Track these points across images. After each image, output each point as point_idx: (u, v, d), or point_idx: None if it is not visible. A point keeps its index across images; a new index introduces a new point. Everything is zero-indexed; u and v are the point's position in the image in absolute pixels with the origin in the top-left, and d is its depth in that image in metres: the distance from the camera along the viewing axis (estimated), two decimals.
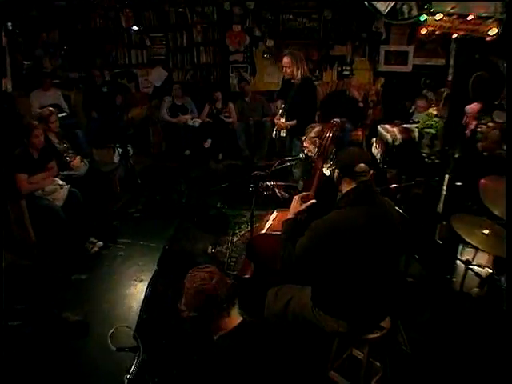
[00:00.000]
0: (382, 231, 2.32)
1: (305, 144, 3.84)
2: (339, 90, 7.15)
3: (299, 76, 4.98)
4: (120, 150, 5.74)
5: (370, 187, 2.34)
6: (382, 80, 7.26)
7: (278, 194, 3.97)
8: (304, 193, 2.67)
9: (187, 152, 6.63)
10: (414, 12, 3.83)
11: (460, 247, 3.43)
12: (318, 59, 7.03)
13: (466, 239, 2.85)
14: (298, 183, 4.14)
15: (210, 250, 4.44)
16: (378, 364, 2.86)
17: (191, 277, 2.06)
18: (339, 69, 7.17)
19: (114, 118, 6.44)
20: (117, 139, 6.07)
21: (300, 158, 4.00)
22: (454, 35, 3.22)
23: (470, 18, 3.04)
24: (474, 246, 3.27)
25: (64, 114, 5.90)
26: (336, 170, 2.38)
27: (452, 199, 3.33)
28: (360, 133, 6.74)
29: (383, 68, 7.17)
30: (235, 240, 4.95)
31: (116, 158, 5.87)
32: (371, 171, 2.35)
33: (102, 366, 3.36)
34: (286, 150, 6.44)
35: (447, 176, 3.41)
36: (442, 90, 4.37)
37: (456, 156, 3.47)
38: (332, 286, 2.44)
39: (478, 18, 3.10)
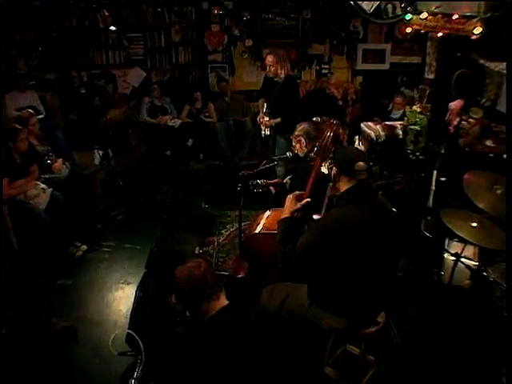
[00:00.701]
0: (381, 229, 2.35)
1: (293, 143, 3.87)
2: (318, 88, 7.21)
3: (283, 74, 5.03)
4: (100, 153, 5.64)
5: (370, 185, 2.37)
6: (360, 78, 7.33)
7: (272, 189, 3.99)
8: (297, 192, 2.67)
9: (168, 152, 6.58)
10: (398, 11, 3.89)
11: (446, 241, 3.50)
12: (296, 58, 7.06)
13: (456, 232, 2.92)
14: (286, 181, 4.17)
15: (197, 251, 4.42)
16: (372, 358, 2.91)
17: (181, 268, 2.24)
18: (318, 68, 7.22)
19: (92, 119, 6.34)
20: (96, 141, 5.98)
21: (287, 156, 4.03)
22: (439, 34, 3.28)
23: (455, 17, 3.10)
24: (461, 240, 3.37)
25: (41, 116, 5.76)
26: (334, 169, 2.40)
27: (440, 194, 3.40)
28: (341, 131, 6.81)
29: (361, 66, 7.25)
30: (221, 240, 4.95)
31: (96, 161, 5.78)
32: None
33: (93, 371, 3.32)
34: (268, 148, 6.51)
35: (435, 172, 3.48)
36: (425, 87, 4.44)
37: (443, 152, 3.56)
38: (331, 283, 2.45)
39: (463, 17, 3.17)
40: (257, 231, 3.04)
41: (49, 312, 3.77)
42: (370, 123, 4.57)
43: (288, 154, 3.97)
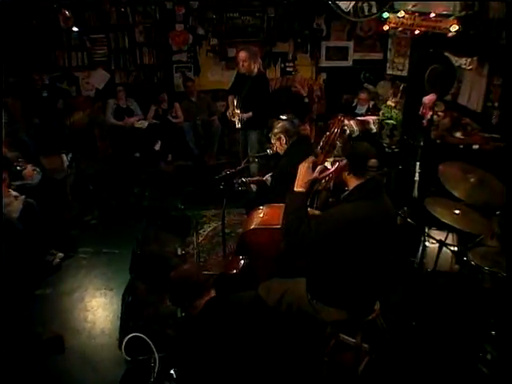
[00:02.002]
0: (388, 224, 2.44)
1: (272, 141, 3.91)
2: (284, 86, 7.29)
3: (256, 70, 5.09)
4: (69, 156, 5.50)
5: (381, 182, 2.44)
6: (324, 75, 7.46)
7: (253, 187, 4.02)
8: (311, 158, 2.54)
9: (137, 154, 6.48)
10: (374, 10, 4.01)
11: (426, 229, 3.65)
12: (261, 56, 7.10)
13: (442, 219, 3.06)
14: (266, 179, 4.21)
15: (179, 252, 4.39)
16: (366, 346, 3.00)
17: (175, 272, 2.41)
18: (282, 66, 7.28)
19: (56, 123, 6.16)
20: (62, 145, 5.81)
21: (267, 154, 4.08)
22: (416, 31, 3.42)
23: (432, 15, 3.25)
24: (440, 228, 3.55)
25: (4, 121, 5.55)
26: (345, 162, 2.42)
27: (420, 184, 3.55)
28: (308, 127, 6.95)
29: (325, 63, 7.37)
30: (200, 240, 4.94)
31: (65, 165, 5.62)
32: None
33: (85, 380, 3.26)
34: (237, 146, 6.54)
35: (418, 163, 3.63)
36: (400, 83, 4.62)
37: (422, 144, 3.72)
38: (336, 276, 2.51)
39: (439, 15, 3.32)
40: (253, 227, 3.05)
41: (30, 324, 3.67)
42: None
43: (268, 151, 4.02)
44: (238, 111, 5.24)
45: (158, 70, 6.95)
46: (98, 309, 3.92)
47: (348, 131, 4.47)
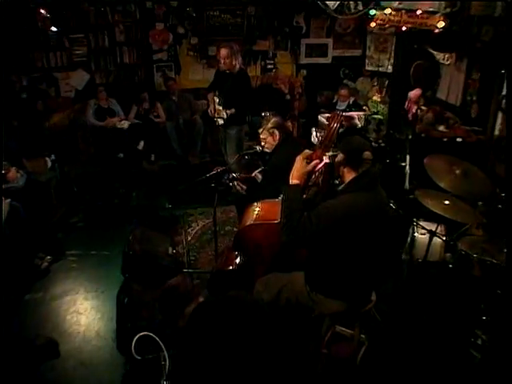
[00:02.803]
0: (384, 215, 2.50)
1: (262, 136, 3.93)
2: (264, 83, 7.33)
3: (237, 66, 5.12)
4: (52, 158, 5.41)
5: (376, 174, 2.50)
6: (304, 72, 7.53)
7: (238, 187, 4.04)
8: (307, 151, 2.59)
9: (120, 155, 6.43)
10: (360, 7, 4.09)
11: (414, 222, 3.75)
12: (241, 54, 7.11)
13: (433, 209, 3.16)
14: (255, 175, 4.24)
15: (170, 251, 4.37)
16: (363, 336, 3.07)
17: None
18: (263, 63, 7.31)
19: (36, 125, 6.04)
20: (44, 147, 5.72)
21: (257, 150, 4.11)
22: (403, 28, 3.50)
23: (419, 12, 3.33)
24: (427, 219, 3.65)
25: None
26: (342, 156, 2.48)
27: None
28: (290, 124, 7.00)
29: (304, 60, 7.44)
30: (189, 239, 4.95)
31: (48, 167, 5.53)
32: None
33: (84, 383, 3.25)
34: (219, 144, 6.54)
35: (408, 156, 3.72)
36: (385, 79, 4.71)
37: (410, 137, 3.81)
38: (336, 267, 2.56)
39: (426, 12, 3.41)
40: (250, 223, 3.08)
41: (22, 330, 3.62)
42: (326, 115, 4.74)
43: (258, 147, 4.05)
44: (221, 108, 5.27)
45: (139, 70, 6.89)
46: (90, 311, 3.89)
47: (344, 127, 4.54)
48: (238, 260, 3.33)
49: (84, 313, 3.87)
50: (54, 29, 6.09)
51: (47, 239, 4.67)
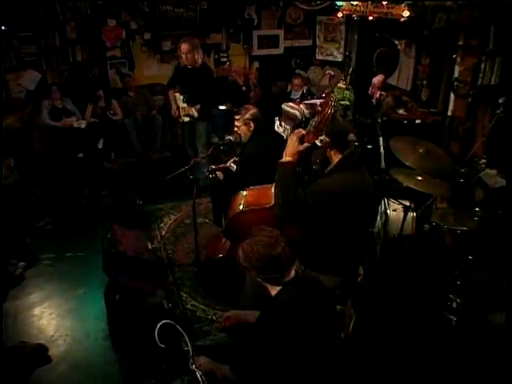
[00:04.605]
0: (370, 192, 2.68)
1: (237, 123, 4.02)
2: (219, 76, 7.38)
3: (200, 61, 5.15)
4: (12, 162, 5.24)
5: (360, 154, 2.67)
6: (257, 63, 7.66)
7: (219, 177, 4.12)
8: (301, 130, 2.65)
9: (80, 155, 6.30)
10: None
11: (385, 200, 4.00)
12: None
13: (408, 185, 3.41)
14: (230, 165, 4.33)
15: (149, 246, 4.41)
16: (352, 309, 3.26)
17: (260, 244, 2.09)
18: (216, 56, 7.36)
19: None
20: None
21: (231, 139, 4.19)
22: (370, 17, 3.70)
23: (385, 2, 3.54)
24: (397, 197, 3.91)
25: None
26: (328, 140, 2.62)
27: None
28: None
29: (257, 52, 7.55)
30: (163, 234, 4.97)
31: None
32: None
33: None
34: (179, 139, 6.57)
35: (380, 138, 3.95)
36: (349, 66, 4.92)
37: (379, 120, 4.04)
38: (330, 243, 2.70)
39: (391, 1, 3.62)
40: (241, 209, 3.18)
41: (7, 339, 3.52)
42: (291, 104, 4.91)
43: (232, 137, 4.13)
44: (184, 105, 5.29)
45: (92, 67, 6.73)
46: (75, 313, 3.84)
47: (299, 115, 4.71)
48: (227, 246, 3.42)
49: (68, 316, 3.82)
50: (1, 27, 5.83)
51: (17, 245, 4.54)
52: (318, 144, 2.57)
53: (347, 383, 2.37)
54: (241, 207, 3.20)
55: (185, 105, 5.33)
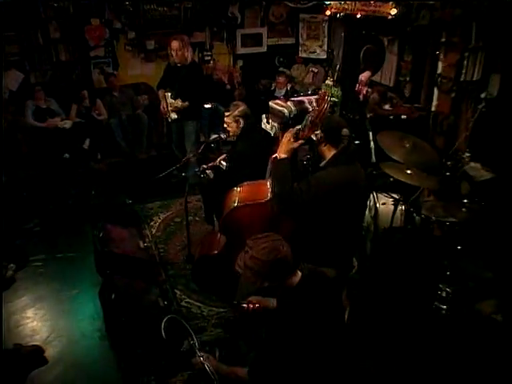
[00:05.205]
0: (364, 186, 2.75)
1: (227, 120, 4.05)
2: (205, 74, 7.39)
3: (190, 58, 5.17)
4: None
5: (355, 149, 2.73)
6: (241, 62, 7.70)
7: (210, 175, 4.15)
8: (297, 127, 2.69)
9: (66, 155, 6.25)
10: None
11: (374, 194, 4.08)
12: None
13: (398, 178, 3.50)
14: (219, 163, 4.36)
15: (142, 245, 4.42)
16: (347, 301, 3.34)
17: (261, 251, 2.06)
18: (200, 55, 7.37)
19: None
20: None
21: (221, 137, 4.23)
22: (358, 15, 3.77)
23: (372, 1, 3.62)
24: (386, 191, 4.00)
25: None
26: (321, 134, 2.64)
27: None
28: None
29: (241, 50, 7.60)
30: (154, 232, 4.98)
31: None
32: None
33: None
34: (165, 138, 6.57)
35: (370, 132, 4.04)
36: (336, 63, 4.97)
37: (368, 116, 4.12)
38: (325, 235, 2.73)
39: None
40: (236, 205, 3.22)
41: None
42: (278, 101, 4.94)
43: (222, 135, 4.18)
44: (173, 101, 5.30)
45: (76, 67, 6.68)
46: (69, 314, 3.84)
47: (287, 112, 4.76)
48: (222, 243, 3.46)
49: (62, 317, 3.81)
50: None
51: (6, 247, 4.50)
52: (314, 139, 2.61)
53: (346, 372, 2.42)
54: (235, 203, 3.24)
55: (173, 101, 5.34)
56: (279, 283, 2.09)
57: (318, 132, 2.59)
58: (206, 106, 6.88)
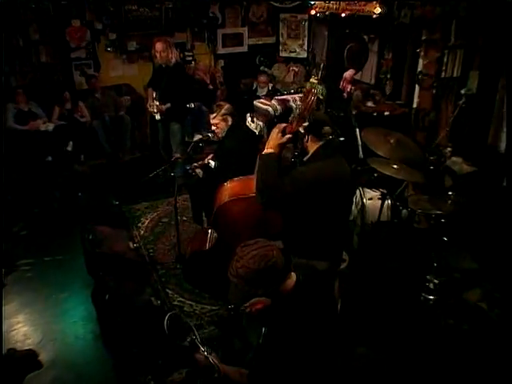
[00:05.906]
0: (349, 180, 2.80)
1: (215, 121, 4.08)
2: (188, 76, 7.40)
3: (174, 59, 5.19)
4: None
5: (338, 143, 2.77)
6: (222, 62, 7.73)
7: (199, 174, 4.18)
8: (284, 124, 2.68)
9: (49, 158, 6.18)
10: None
11: (360, 189, 4.17)
12: None
13: (385, 172, 3.59)
14: (208, 162, 4.39)
15: (132, 246, 4.41)
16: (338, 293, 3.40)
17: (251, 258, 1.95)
18: (181, 55, 7.33)
19: None
20: None
21: (209, 136, 4.26)
22: (343, 14, 3.84)
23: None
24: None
25: None
26: (305, 128, 2.60)
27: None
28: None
29: (222, 50, 7.63)
30: (142, 233, 4.99)
31: None
32: None
33: None
34: (149, 139, 6.57)
35: (357, 129, 4.12)
36: (320, 61, 5.05)
37: (354, 113, 4.21)
38: (314, 228, 2.74)
39: None
40: (227, 199, 3.26)
41: None
42: (262, 100, 5.04)
43: (210, 134, 4.21)
44: (157, 103, 5.32)
45: (57, 69, 6.61)
46: (61, 317, 3.81)
47: (272, 110, 4.83)
48: (212, 238, 3.49)
49: (54, 320, 3.78)
50: None
51: None
52: (302, 131, 2.62)
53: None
54: (228, 197, 3.27)
55: (157, 102, 5.35)
56: (274, 289, 2.00)
57: (305, 124, 2.60)
58: (190, 106, 6.93)
